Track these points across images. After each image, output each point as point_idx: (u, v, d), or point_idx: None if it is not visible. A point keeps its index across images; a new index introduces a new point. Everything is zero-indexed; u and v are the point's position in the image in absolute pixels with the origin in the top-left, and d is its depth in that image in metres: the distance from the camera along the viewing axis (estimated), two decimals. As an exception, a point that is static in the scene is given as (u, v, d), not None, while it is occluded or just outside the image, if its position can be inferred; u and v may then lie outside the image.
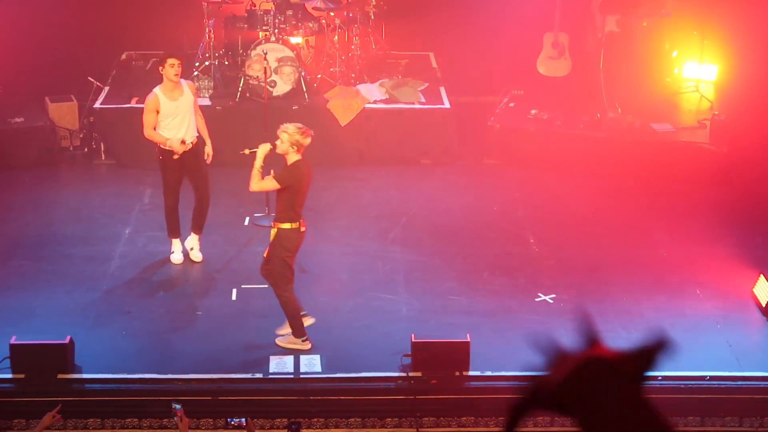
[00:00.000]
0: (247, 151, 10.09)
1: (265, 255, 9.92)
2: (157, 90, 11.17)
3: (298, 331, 9.93)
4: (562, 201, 13.25)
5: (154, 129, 11.17)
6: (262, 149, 9.80)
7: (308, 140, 9.73)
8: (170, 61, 11.10)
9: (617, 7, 14.56)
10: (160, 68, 11.17)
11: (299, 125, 9.76)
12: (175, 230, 11.57)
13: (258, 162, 9.76)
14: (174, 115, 11.11)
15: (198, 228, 11.65)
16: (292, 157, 9.71)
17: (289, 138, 9.64)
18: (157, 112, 11.10)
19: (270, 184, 9.74)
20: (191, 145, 11.27)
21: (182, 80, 11.32)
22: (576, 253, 11.96)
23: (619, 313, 10.63)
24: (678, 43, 15.61)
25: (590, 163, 13.91)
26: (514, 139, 14.44)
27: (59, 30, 16.09)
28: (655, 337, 2.67)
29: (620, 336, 10.20)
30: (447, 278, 11.35)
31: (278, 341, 10.02)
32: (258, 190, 10.03)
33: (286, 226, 9.72)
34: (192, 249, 11.63)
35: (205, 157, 11.51)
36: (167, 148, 11.12)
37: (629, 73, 14.79)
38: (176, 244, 11.59)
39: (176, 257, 11.57)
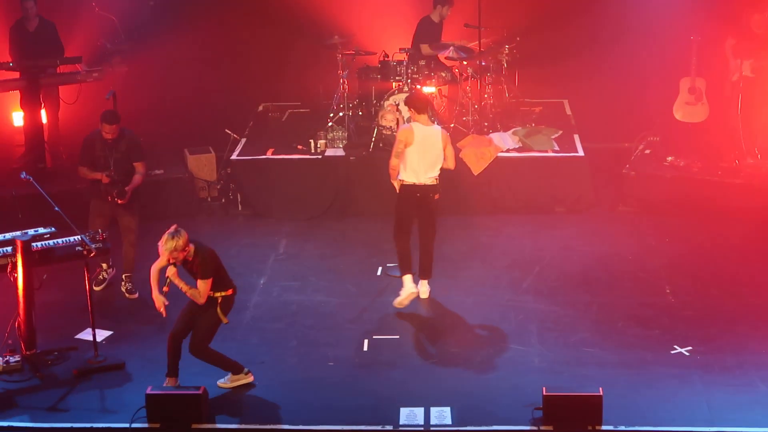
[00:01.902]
0: (166, 289, 9.98)
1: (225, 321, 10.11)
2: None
3: (236, 368, 10.25)
4: (699, 250, 12.98)
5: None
6: (171, 273, 9.83)
7: (183, 234, 9.78)
8: None
9: (750, 51, 14.28)
10: None
11: (167, 236, 9.75)
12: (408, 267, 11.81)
13: (181, 284, 9.85)
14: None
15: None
16: (191, 250, 9.83)
17: (176, 251, 9.68)
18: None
19: (205, 285, 9.86)
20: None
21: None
22: (714, 303, 11.69)
23: (759, 367, 10.32)
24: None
25: (729, 210, 13.64)
26: (649, 186, 14.25)
27: (198, 83, 16.57)
28: None
29: (759, 390, 9.94)
30: (580, 329, 11.19)
31: (220, 383, 10.24)
32: (205, 297, 9.90)
33: (226, 293, 10.08)
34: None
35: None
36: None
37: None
38: (408, 279, 11.80)
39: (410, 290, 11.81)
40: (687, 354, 10.67)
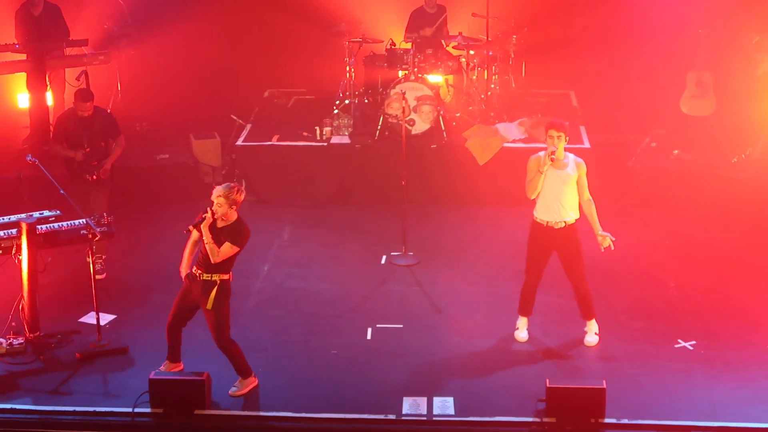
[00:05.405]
0: (191, 228, 9.87)
1: (209, 307, 9.83)
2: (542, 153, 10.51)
3: (246, 371, 10.05)
4: (705, 244, 12.97)
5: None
6: (206, 222, 9.72)
7: (243, 195, 9.77)
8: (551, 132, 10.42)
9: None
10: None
11: (229, 185, 9.74)
12: (527, 308, 10.91)
13: (207, 233, 9.68)
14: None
15: (587, 314, 10.87)
16: (233, 215, 9.74)
17: (226, 201, 9.63)
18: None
19: (230, 250, 9.69)
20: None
21: (572, 156, 10.61)
22: (718, 298, 11.68)
23: (762, 363, 10.31)
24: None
25: (734, 204, 13.63)
26: (655, 179, 14.23)
27: (204, 68, 16.54)
28: None
29: (761, 386, 9.93)
30: (584, 322, 11.15)
31: (232, 393, 9.99)
32: (221, 260, 9.74)
33: (225, 277, 9.82)
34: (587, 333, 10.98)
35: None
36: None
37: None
38: (523, 321, 10.98)
39: (521, 335, 10.93)
40: (690, 348, 10.66)
